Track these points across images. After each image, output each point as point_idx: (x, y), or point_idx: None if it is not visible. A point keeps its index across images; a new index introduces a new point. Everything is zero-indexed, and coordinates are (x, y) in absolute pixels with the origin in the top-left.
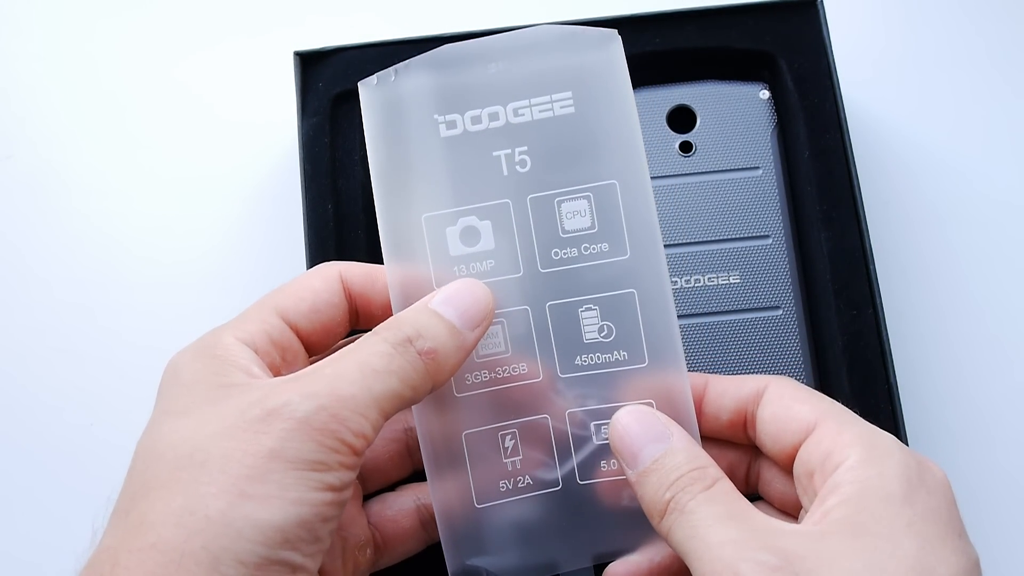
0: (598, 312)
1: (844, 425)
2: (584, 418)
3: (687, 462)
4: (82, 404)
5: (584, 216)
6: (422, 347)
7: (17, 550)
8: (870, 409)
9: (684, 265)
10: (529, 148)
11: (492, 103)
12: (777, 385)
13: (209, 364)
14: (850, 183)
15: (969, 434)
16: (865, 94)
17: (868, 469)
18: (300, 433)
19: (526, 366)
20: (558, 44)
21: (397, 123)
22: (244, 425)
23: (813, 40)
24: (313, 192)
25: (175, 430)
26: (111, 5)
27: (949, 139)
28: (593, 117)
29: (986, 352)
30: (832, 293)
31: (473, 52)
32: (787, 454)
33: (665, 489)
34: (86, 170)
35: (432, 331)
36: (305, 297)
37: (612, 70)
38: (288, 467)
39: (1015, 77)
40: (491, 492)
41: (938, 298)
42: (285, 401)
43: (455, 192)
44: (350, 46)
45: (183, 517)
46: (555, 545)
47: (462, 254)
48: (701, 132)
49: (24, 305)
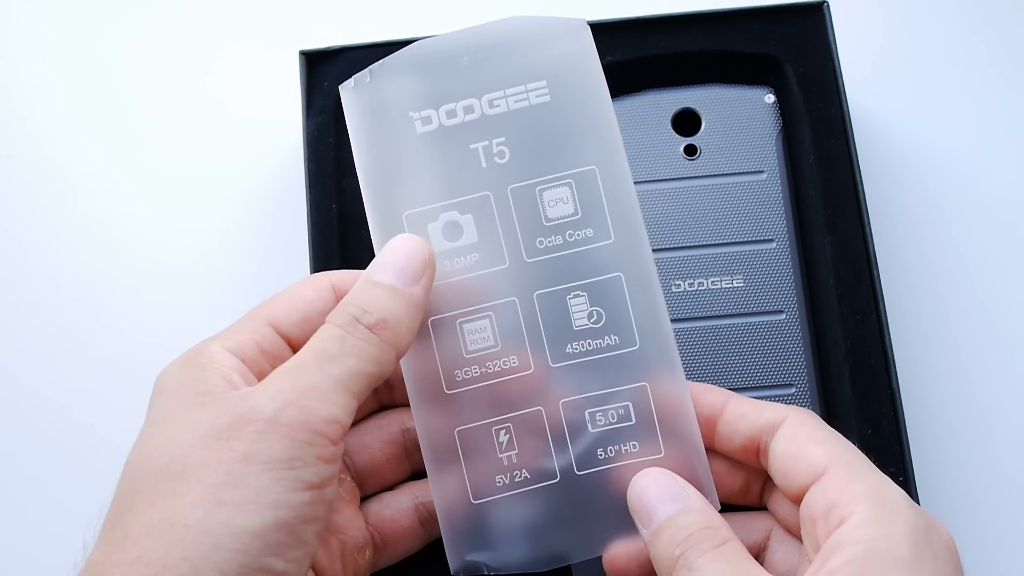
0: (586, 298)
1: (854, 475)
2: (578, 406)
3: (700, 521)
4: (85, 402)
5: (567, 203)
6: (369, 321)
7: (22, 543)
8: (872, 415)
9: (687, 268)
10: (507, 139)
11: (466, 96)
12: (795, 420)
13: (191, 372)
14: (854, 188)
15: (973, 440)
16: (870, 98)
17: (875, 529)
18: (270, 433)
19: (516, 359)
20: (529, 35)
21: (376, 123)
22: (215, 433)
23: (819, 44)
24: (317, 191)
25: (154, 441)
26: (115, 5)
27: (955, 143)
28: (569, 105)
29: (990, 357)
30: (835, 298)
31: (444, 47)
32: (795, 494)
33: (676, 546)
34: (90, 168)
35: (375, 302)
36: (297, 307)
37: (584, 58)
38: (262, 469)
39: (1021, 81)
40: (487, 487)
41: (943, 302)
42: (251, 405)
43: (435, 188)
44: (355, 46)
45: (164, 529)
46: (557, 537)
47: (445, 249)
48: (706, 135)
49: (27, 303)
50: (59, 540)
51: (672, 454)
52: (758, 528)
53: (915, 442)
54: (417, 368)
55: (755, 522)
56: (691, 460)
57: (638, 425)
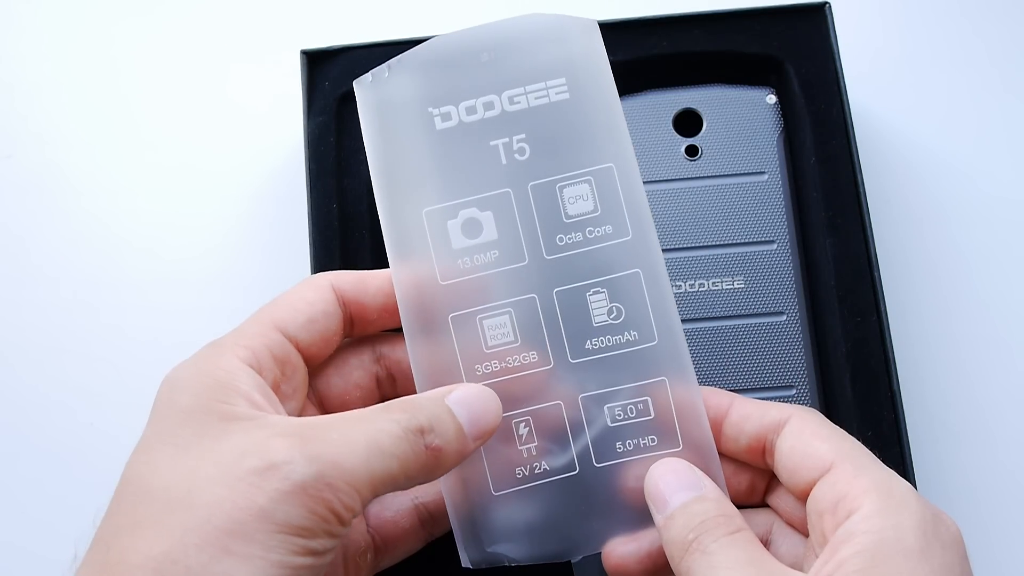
0: (606, 294)
1: (861, 469)
2: (598, 401)
3: (715, 509)
4: (87, 402)
5: (587, 200)
6: (431, 442)
7: (22, 541)
8: (872, 417)
9: (688, 269)
10: (527, 135)
11: (486, 92)
12: (800, 418)
13: (210, 389)
14: (855, 189)
15: (974, 442)
16: (872, 99)
17: (884, 520)
18: (293, 497)
19: (536, 354)
20: (547, 32)
21: (393, 119)
22: (240, 474)
23: (821, 45)
24: (318, 191)
25: (171, 465)
26: (117, 4)
27: (956, 144)
28: (587, 102)
29: (991, 359)
30: (836, 299)
31: (464, 43)
32: (801, 490)
33: (690, 530)
34: (91, 168)
35: (444, 428)
36: (301, 309)
37: (598, 57)
38: (274, 529)
39: (1022, 82)
40: (508, 479)
41: (944, 304)
42: (287, 459)
43: (454, 184)
44: (357, 45)
45: (164, 565)
46: (574, 528)
47: (465, 246)
48: (707, 136)
49: (29, 302)
50: (59, 538)
51: (689, 449)
52: (759, 523)
53: (915, 444)
54: (436, 363)
55: (756, 517)
56: (705, 455)
57: (657, 419)
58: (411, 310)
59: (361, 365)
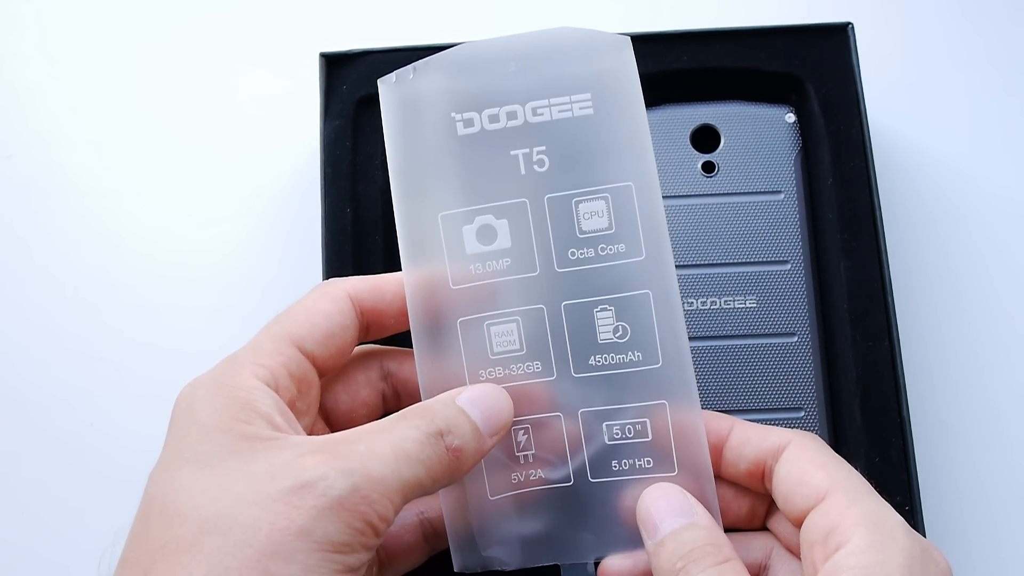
0: (613, 312)
1: (854, 500)
2: (597, 417)
3: (705, 538)
4: (89, 403)
5: (602, 217)
6: (451, 443)
7: (23, 540)
8: (881, 442)
9: (701, 287)
10: (547, 148)
11: (510, 102)
12: (799, 444)
13: (230, 407)
14: (872, 212)
15: (983, 472)
16: (893, 121)
17: (872, 556)
18: (332, 513)
19: (540, 364)
20: (576, 47)
21: (415, 121)
22: (275, 495)
23: (842, 66)
24: (332, 196)
25: (197, 484)
26: (129, 4)
27: (979, 168)
28: (611, 119)
29: (1005, 389)
30: (849, 323)
31: (491, 51)
32: (796, 517)
33: (679, 559)
34: (95, 168)
35: (461, 429)
36: (319, 323)
37: (627, 74)
38: (314, 547)
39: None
40: (504, 484)
41: (959, 331)
42: (321, 475)
43: (472, 190)
44: (376, 49)
45: None
46: (562, 539)
47: (478, 252)
48: (724, 153)
49: (32, 303)
50: (60, 538)
51: (684, 474)
52: (759, 547)
53: (923, 472)
54: (442, 367)
55: (756, 541)
56: (701, 481)
57: (654, 442)
58: (421, 312)
59: (369, 383)
